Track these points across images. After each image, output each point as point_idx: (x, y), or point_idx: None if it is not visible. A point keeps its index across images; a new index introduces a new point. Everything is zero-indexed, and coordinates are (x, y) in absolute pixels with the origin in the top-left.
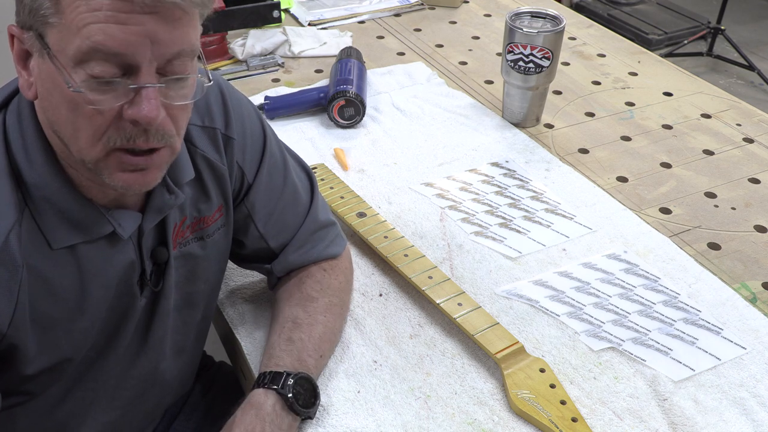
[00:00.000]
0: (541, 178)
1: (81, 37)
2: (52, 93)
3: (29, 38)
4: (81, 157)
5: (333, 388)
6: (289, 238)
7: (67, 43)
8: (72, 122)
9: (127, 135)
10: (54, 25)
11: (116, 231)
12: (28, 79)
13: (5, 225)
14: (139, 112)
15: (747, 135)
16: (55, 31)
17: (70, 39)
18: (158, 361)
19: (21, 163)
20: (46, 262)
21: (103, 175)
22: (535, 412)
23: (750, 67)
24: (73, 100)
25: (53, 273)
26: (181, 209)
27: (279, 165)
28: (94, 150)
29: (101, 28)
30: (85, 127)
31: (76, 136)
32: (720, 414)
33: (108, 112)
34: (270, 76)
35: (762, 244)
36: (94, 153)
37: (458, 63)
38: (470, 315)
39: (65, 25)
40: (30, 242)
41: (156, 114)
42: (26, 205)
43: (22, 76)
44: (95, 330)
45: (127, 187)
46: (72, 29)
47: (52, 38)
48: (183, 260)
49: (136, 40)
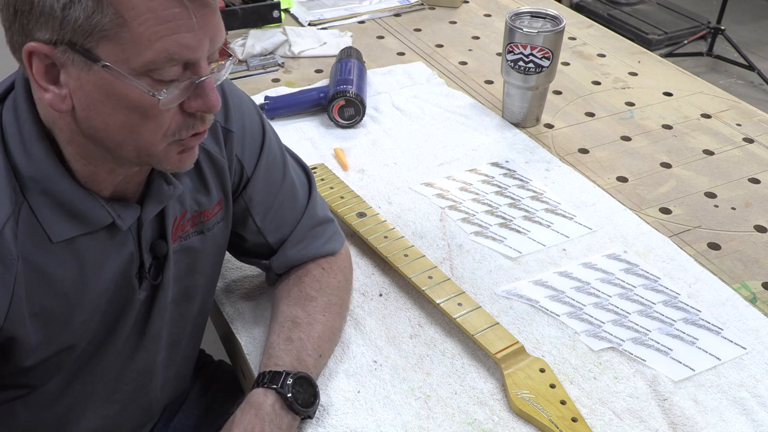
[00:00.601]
0: (541, 178)
1: (155, 51)
2: (104, 103)
3: (61, 52)
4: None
5: (333, 388)
6: (287, 233)
7: (134, 54)
8: (132, 126)
9: (189, 126)
10: (112, 38)
11: (116, 222)
12: (59, 93)
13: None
14: (207, 103)
15: (747, 135)
16: (112, 44)
17: (139, 51)
18: (156, 355)
19: (19, 158)
20: (45, 255)
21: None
22: (535, 412)
23: (750, 67)
24: (139, 105)
25: (52, 266)
26: (181, 202)
27: (278, 160)
28: (158, 146)
29: (175, 39)
30: (151, 128)
31: (136, 140)
32: (720, 414)
33: (173, 109)
34: (270, 76)
35: (762, 244)
36: (158, 148)
37: (458, 63)
38: (470, 315)
39: (130, 38)
40: (28, 236)
41: (219, 100)
42: (25, 198)
43: (50, 90)
44: (94, 323)
45: (180, 167)
46: (142, 42)
47: (108, 50)
48: (183, 254)
49: (204, 41)
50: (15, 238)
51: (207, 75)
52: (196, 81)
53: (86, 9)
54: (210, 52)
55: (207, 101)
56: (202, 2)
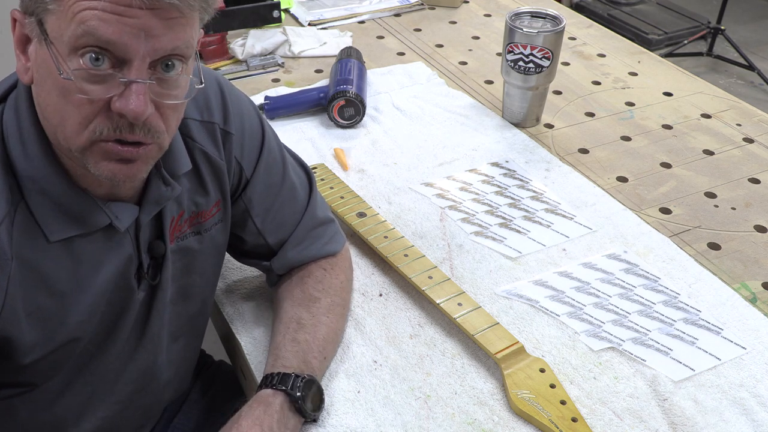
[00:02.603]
0: (541, 178)
1: (76, 23)
2: (46, 79)
3: (30, 24)
4: (67, 144)
5: (333, 388)
6: (287, 235)
7: (64, 29)
8: (60, 109)
9: (113, 126)
10: (53, 12)
11: (113, 223)
12: (25, 64)
13: None
14: (126, 106)
15: (747, 135)
16: (53, 18)
17: (67, 25)
18: (156, 355)
19: (17, 156)
20: (42, 255)
21: (88, 163)
22: (535, 412)
23: (750, 67)
24: (64, 87)
25: (49, 266)
26: (178, 203)
27: (277, 162)
28: (80, 138)
29: (97, 14)
30: (73, 114)
31: (63, 124)
32: (720, 414)
33: (97, 102)
34: (270, 76)
35: (762, 244)
36: (79, 141)
37: (458, 63)
38: (470, 315)
39: (63, 12)
40: (24, 236)
41: (143, 109)
42: (23, 197)
43: (20, 60)
44: (93, 323)
45: (111, 176)
46: (68, 15)
47: (51, 25)
48: (180, 254)
49: (130, 31)
50: (10, 238)
51: (136, 78)
52: (120, 78)
53: None
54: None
55: (126, 104)
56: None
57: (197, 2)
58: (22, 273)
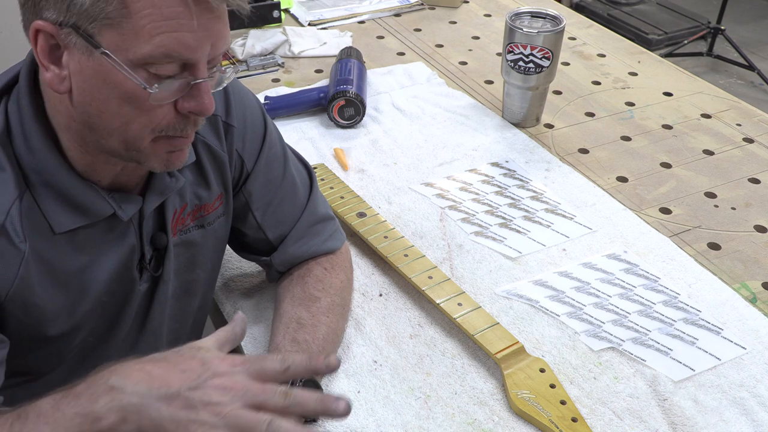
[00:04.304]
0: (541, 178)
1: (154, 45)
2: (101, 89)
3: (66, 34)
4: (124, 146)
5: (333, 388)
6: (287, 230)
7: (133, 46)
8: (124, 116)
9: (180, 126)
10: (115, 27)
11: (117, 213)
12: (59, 74)
13: (7, 200)
14: (200, 105)
15: (747, 135)
16: (114, 32)
17: (138, 43)
18: (156, 349)
19: (21, 149)
20: (48, 245)
21: (143, 159)
22: (535, 412)
23: (750, 67)
24: (132, 96)
25: (55, 257)
26: (181, 196)
27: (278, 156)
28: (144, 140)
29: (175, 37)
30: (142, 119)
31: (125, 129)
32: (720, 414)
33: (166, 105)
34: (270, 76)
35: (762, 244)
36: (143, 142)
37: (458, 63)
38: (470, 315)
39: (131, 29)
40: (32, 226)
41: (212, 105)
42: (28, 189)
43: (51, 70)
44: (96, 314)
45: (167, 166)
46: (142, 35)
47: (109, 38)
48: (183, 247)
49: (205, 44)
50: (21, 221)
51: (204, 78)
52: (191, 82)
53: None
54: (211, 56)
55: (200, 103)
56: (206, 6)
57: None
58: (32, 260)
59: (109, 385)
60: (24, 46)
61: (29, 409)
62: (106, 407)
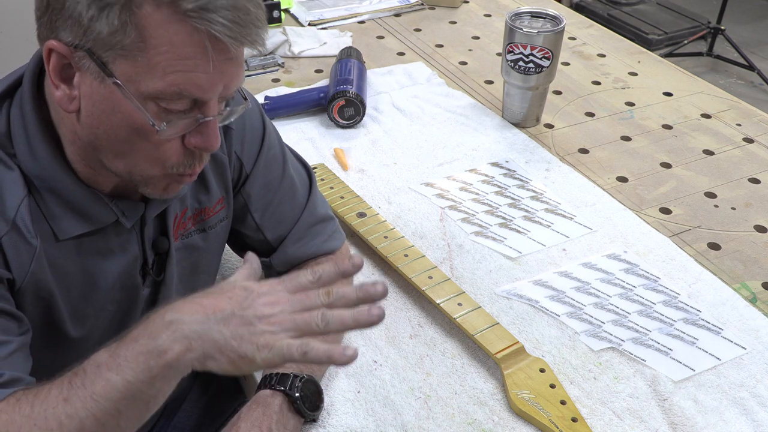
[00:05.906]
0: (541, 178)
1: (167, 83)
2: (109, 116)
3: (79, 57)
4: (128, 171)
5: (333, 388)
6: (286, 231)
7: (146, 80)
8: (132, 145)
9: (189, 161)
10: (129, 58)
11: (120, 220)
12: (69, 94)
13: (16, 198)
14: (206, 141)
15: (747, 135)
16: (128, 64)
17: (151, 79)
18: None
19: (24, 155)
20: (52, 250)
21: (144, 186)
22: (535, 412)
23: (750, 67)
24: (140, 129)
25: (59, 262)
26: (181, 200)
27: (277, 158)
28: (152, 171)
29: (189, 77)
30: (150, 153)
31: (133, 157)
32: (720, 414)
33: (174, 140)
34: (270, 76)
35: (762, 244)
36: (151, 173)
37: (458, 63)
38: (470, 315)
39: (146, 64)
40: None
41: (218, 141)
42: (31, 194)
43: (61, 89)
44: (102, 320)
45: (164, 195)
46: (156, 70)
47: (122, 68)
48: (185, 252)
49: (218, 85)
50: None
51: (213, 116)
52: (200, 120)
53: (111, 25)
54: (223, 95)
55: (206, 140)
56: (224, 51)
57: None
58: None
59: (167, 321)
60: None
61: (85, 365)
62: (169, 339)
